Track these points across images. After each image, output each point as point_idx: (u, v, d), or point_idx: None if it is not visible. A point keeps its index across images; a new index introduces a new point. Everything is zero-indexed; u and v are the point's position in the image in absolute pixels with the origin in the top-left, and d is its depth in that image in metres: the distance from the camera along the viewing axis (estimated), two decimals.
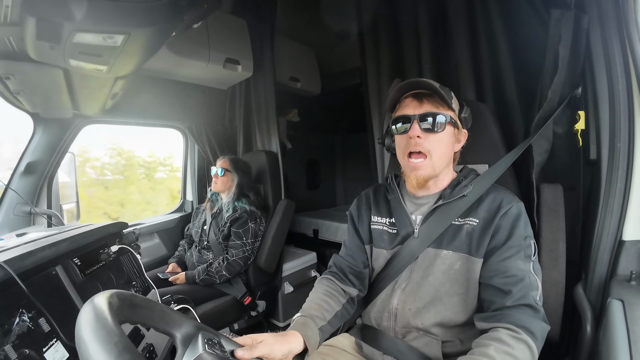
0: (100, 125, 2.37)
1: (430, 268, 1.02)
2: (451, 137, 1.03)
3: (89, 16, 1.04)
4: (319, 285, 1.15)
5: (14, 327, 0.79)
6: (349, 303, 1.14)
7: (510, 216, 0.96)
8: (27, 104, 1.76)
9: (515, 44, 1.44)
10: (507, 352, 0.78)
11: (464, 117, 1.06)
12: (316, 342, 0.98)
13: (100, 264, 1.25)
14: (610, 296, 0.91)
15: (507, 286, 0.88)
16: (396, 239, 1.10)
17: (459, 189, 1.04)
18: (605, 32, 1.02)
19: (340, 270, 1.18)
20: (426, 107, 1.00)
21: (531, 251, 0.94)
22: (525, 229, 0.96)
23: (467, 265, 0.98)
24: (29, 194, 1.89)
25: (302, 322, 0.99)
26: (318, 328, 1.00)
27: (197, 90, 2.64)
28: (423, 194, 1.10)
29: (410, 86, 1.03)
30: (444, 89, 1.00)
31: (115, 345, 0.43)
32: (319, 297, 1.10)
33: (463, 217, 1.02)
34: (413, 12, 1.72)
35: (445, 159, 1.03)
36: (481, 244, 0.96)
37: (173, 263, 2.35)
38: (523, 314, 0.85)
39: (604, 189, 1.04)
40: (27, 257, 0.92)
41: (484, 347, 0.81)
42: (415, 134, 0.99)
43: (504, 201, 0.99)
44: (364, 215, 1.20)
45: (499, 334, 0.82)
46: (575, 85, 1.18)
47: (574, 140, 1.23)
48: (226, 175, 2.27)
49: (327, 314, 1.05)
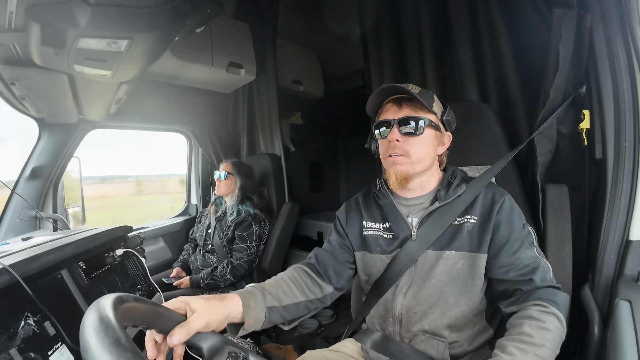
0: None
1: (432, 270, 1.02)
2: (432, 139, 1.03)
3: (93, 22, 1.05)
4: (289, 270, 1.10)
5: (20, 331, 0.79)
6: (320, 300, 1.09)
7: (506, 209, 0.99)
8: (32, 109, 1.77)
9: (518, 44, 1.44)
10: (540, 326, 0.82)
11: (447, 120, 1.06)
12: (260, 318, 0.89)
13: (105, 267, 1.25)
14: (617, 297, 0.90)
15: (526, 276, 0.93)
16: (394, 243, 1.09)
17: (452, 189, 1.04)
18: (608, 30, 1.01)
19: (321, 264, 1.13)
20: (405, 111, 1.01)
21: (532, 237, 0.98)
22: (520, 219, 1.00)
23: (469, 263, 0.99)
24: (35, 199, 1.90)
25: (249, 290, 0.93)
26: (267, 306, 0.92)
27: (201, 94, 2.66)
28: (412, 196, 1.10)
29: (389, 91, 1.05)
30: (425, 92, 1.02)
31: (119, 349, 0.43)
32: (281, 279, 1.04)
33: (461, 215, 1.03)
34: (415, 14, 1.72)
35: (426, 161, 1.04)
36: (483, 239, 0.98)
37: (177, 267, 2.35)
38: (547, 291, 0.90)
39: (610, 188, 1.03)
40: (32, 261, 0.93)
41: (518, 326, 0.84)
42: (394, 137, 1.00)
43: (496, 195, 1.02)
44: (355, 221, 1.18)
45: (529, 311, 0.86)
46: (579, 84, 1.17)
47: (579, 140, 1.21)
48: (229, 178, 2.28)
49: (284, 297, 0.98)
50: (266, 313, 0.91)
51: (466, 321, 1.00)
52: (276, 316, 0.96)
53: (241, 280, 2.20)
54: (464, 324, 1.00)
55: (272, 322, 0.95)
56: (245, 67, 2.39)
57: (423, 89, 1.03)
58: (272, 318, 0.94)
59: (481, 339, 1.02)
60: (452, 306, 0.99)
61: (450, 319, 0.99)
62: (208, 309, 0.74)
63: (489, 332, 1.03)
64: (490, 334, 1.04)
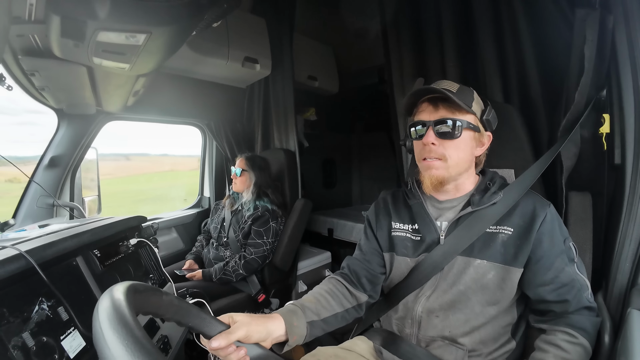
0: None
1: (460, 276, 0.98)
2: (470, 141, 0.98)
3: (112, 15, 1.06)
4: (325, 283, 1.11)
5: (33, 315, 0.81)
6: (355, 309, 1.09)
7: (548, 224, 0.94)
8: (51, 99, 1.81)
9: (539, 43, 1.40)
10: (564, 357, 0.84)
11: (487, 120, 1.00)
12: (302, 334, 0.92)
13: (119, 255, 1.28)
14: (630, 306, 0.88)
15: (561, 296, 0.91)
16: (421, 246, 1.05)
17: (488, 195, 1.00)
18: (630, 32, 0.98)
19: (354, 274, 1.12)
20: (441, 112, 0.96)
21: (573, 253, 0.94)
22: (561, 232, 0.96)
23: (502, 275, 0.95)
24: (52, 187, 1.95)
25: (289, 309, 0.94)
26: (307, 321, 0.94)
27: (216, 88, 2.67)
28: (445, 198, 1.06)
29: (424, 92, 1.00)
30: (463, 90, 0.97)
31: (130, 336, 0.44)
32: (318, 293, 1.05)
33: (495, 225, 0.98)
34: (436, 10, 1.68)
35: (463, 164, 0.99)
36: (520, 253, 0.93)
37: (190, 260, 2.38)
38: (580, 315, 0.90)
39: (627, 194, 1.00)
40: (48, 248, 0.95)
41: (543, 352, 0.86)
42: (429, 140, 0.96)
43: (537, 208, 0.96)
44: (383, 221, 1.15)
45: (556, 339, 0.87)
46: (600, 87, 1.14)
47: (600, 144, 1.18)
48: (244, 174, 2.29)
49: (323, 311, 1.00)
50: (307, 328, 0.94)
51: (490, 332, 0.97)
52: (317, 330, 0.97)
53: (252, 274, 2.22)
54: (487, 335, 0.97)
55: (314, 335, 0.97)
56: (260, 62, 2.39)
57: (462, 86, 0.98)
58: (313, 332, 0.96)
59: (502, 350, 0.99)
60: (477, 315, 0.96)
61: (473, 328, 0.96)
62: (249, 321, 0.78)
63: (511, 345, 1.00)
64: (512, 346, 1.00)
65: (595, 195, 1.17)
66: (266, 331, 0.83)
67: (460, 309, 0.97)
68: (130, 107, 2.20)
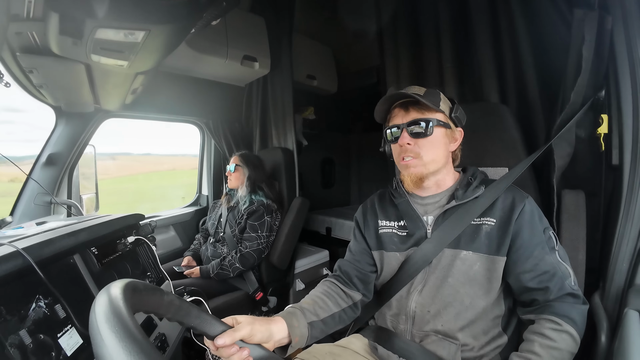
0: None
1: (448, 269, 1.02)
2: (443, 138, 1.04)
3: (111, 13, 1.06)
4: (320, 286, 1.16)
5: (30, 313, 0.81)
6: (351, 308, 1.14)
7: (527, 214, 0.98)
8: (49, 97, 1.81)
9: (537, 44, 1.41)
10: (550, 346, 0.86)
11: (456, 116, 1.07)
12: (304, 335, 0.96)
13: (116, 253, 1.27)
14: (627, 306, 0.89)
15: (543, 284, 0.93)
16: (408, 240, 1.10)
17: (471, 189, 1.04)
18: (629, 33, 0.99)
19: (345, 274, 1.17)
20: (413, 114, 1.03)
21: (553, 242, 0.98)
22: (541, 222, 0.99)
23: (487, 265, 0.99)
24: (50, 184, 1.94)
25: (289, 311, 0.98)
26: (307, 322, 0.99)
27: (215, 86, 2.67)
28: (427, 194, 1.11)
29: (394, 98, 1.08)
30: (431, 92, 1.03)
31: (127, 334, 0.44)
32: (315, 295, 1.10)
33: (480, 217, 1.02)
34: (433, 11, 1.69)
35: (440, 160, 1.05)
36: (502, 243, 0.98)
37: (188, 257, 2.38)
38: (564, 302, 0.91)
39: (625, 195, 1.01)
40: (46, 246, 0.94)
41: (530, 342, 0.89)
42: (404, 141, 1.03)
43: (516, 199, 1.01)
44: (370, 221, 1.21)
45: (542, 327, 0.90)
46: (598, 88, 1.14)
47: (597, 145, 1.19)
48: (237, 170, 2.32)
49: (321, 311, 1.04)
50: (308, 329, 0.98)
51: (481, 325, 0.99)
52: (317, 331, 1.01)
53: (249, 271, 2.22)
54: (478, 328, 0.99)
55: (315, 337, 1.01)
56: (259, 61, 2.39)
57: (429, 89, 1.04)
58: (313, 333, 1.00)
59: (494, 344, 1.01)
60: (467, 308, 0.99)
61: (465, 321, 0.99)
62: (252, 321, 0.82)
63: (503, 339, 1.02)
64: (504, 341, 1.02)
65: (590, 195, 1.18)
66: (269, 332, 0.85)
67: (450, 303, 1.00)
68: (128, 105, 2.20)
